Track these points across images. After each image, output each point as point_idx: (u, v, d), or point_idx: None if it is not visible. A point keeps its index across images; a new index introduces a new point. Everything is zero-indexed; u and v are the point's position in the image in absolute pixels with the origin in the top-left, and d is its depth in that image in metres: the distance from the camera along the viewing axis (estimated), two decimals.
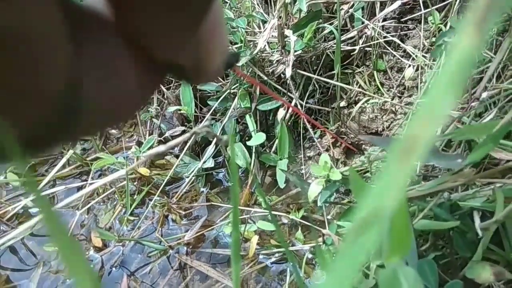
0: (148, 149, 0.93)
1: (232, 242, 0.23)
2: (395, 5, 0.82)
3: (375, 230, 0.11)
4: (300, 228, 0.87)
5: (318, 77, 0.89)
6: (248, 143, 0.94)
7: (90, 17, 0.14)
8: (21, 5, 0.10)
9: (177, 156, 1.04)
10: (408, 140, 0.11)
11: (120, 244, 0.87)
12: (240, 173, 1.03)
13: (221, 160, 1.03)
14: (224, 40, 0.21)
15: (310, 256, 0.84)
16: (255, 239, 0.84)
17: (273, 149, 0.99)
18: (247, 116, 0.97)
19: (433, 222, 0.50)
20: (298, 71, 0.92)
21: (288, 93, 0.95)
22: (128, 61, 0.15)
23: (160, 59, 0.16)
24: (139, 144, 1.00)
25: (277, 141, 0.96)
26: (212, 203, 0.94)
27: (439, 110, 0.10)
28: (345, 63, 0.95)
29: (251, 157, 0.97)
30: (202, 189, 0.99)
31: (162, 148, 0.46)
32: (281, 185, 0.89)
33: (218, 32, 0.19)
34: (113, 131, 1.10)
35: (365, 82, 0.92)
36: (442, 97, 0.10)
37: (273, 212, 0.89)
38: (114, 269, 0.85)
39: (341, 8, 0.91)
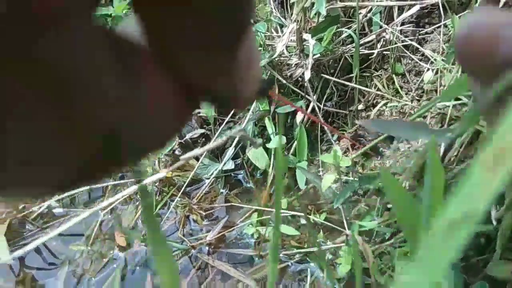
0: (170, 151, 0.95)
1: (271, 245, 0.24)
2: (414, 9, 0.84)
3: (464, 231, 0.11)
4: (321, 230, 0.89)
5: (337, 80, 0.91)
6: (267, 145, 0.95)
7: (127, 45, 0.14)
8: (69, 38, 0.11)
9: (196, 158, 1.05)
10: (497, 150, 0.11)
11: (144, 244, 0.89)
12: (258, 175, 1.04)
13: (239, 162, 1.05)
14: (258, 67, 0.22)
15: (330, 257, 0.86)
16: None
17: (291, 151, 1.01)
18: (266, 119, 0.99)
19: None
20: (321, 74, 0.94)
21: (306, 96, 0.96)
22: (166, 89, 0.16)
23: (197, 86, 0.16)
24: None
25: (295, 143, 0.98)
26: (232, 204, 0.96)
27: None
28: (363, 66, 0.96)
29: (269, 159, 0.99)
30: (221, 190, 1.01)
31: (199, 151, 0.48)
32: (302, 186, 0.91)
33: (253, 58, 0.20)
34: None
35: (383, 86, 0.93)
36: None
37: (293, 213, 0.91)
38: (138, 268, 0.87)
39: (359, 12, 0.93)
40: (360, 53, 0.92)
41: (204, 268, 0.90)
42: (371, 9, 0.92)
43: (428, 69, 0.85)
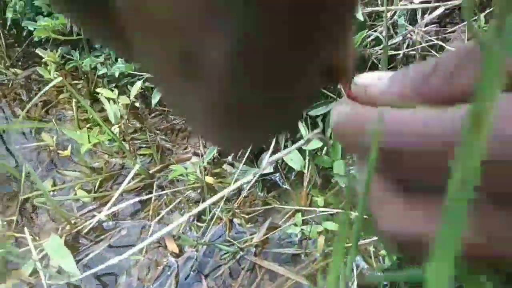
0: (211, 158, 1.00)
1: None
2: (439, 11, 0.89)
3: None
4: None
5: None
6: (304, 147, 1.00)
7: None
8: None
9: (231, 164, 1.10)
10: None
11: (194, 249, 0.93)
12: (293, 176, 1.09)
13: (274, 164, 1.09)
14: (354, 49, 0.30)
15: (373, 250, 0.90)
16: (321, 238, 0.91)
17: (323, 151, 1.05)
18: (299, 122, 1.03)
19: None
20: None
21: (338, 98, 1.01)
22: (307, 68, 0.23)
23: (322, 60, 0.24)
24: (197, 155, 1.06)
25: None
26: (274, 206, 1.00)
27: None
28: (388, 67, 1.01)
29: (304, 160, 1.03)
30: (259, 194, 1.05)
31: (285, 151, 0.53)
32: (342, 184, 0.95)
33: (351, 42, 0.27)
34: (167, 144, 1.16)
35: None
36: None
37: (333, 210, 0.95)
38: (192, 273, 0.91)
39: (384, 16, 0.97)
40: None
41: (252, 269, 0.94)
42: (395, 12, 0.97)
43: None
